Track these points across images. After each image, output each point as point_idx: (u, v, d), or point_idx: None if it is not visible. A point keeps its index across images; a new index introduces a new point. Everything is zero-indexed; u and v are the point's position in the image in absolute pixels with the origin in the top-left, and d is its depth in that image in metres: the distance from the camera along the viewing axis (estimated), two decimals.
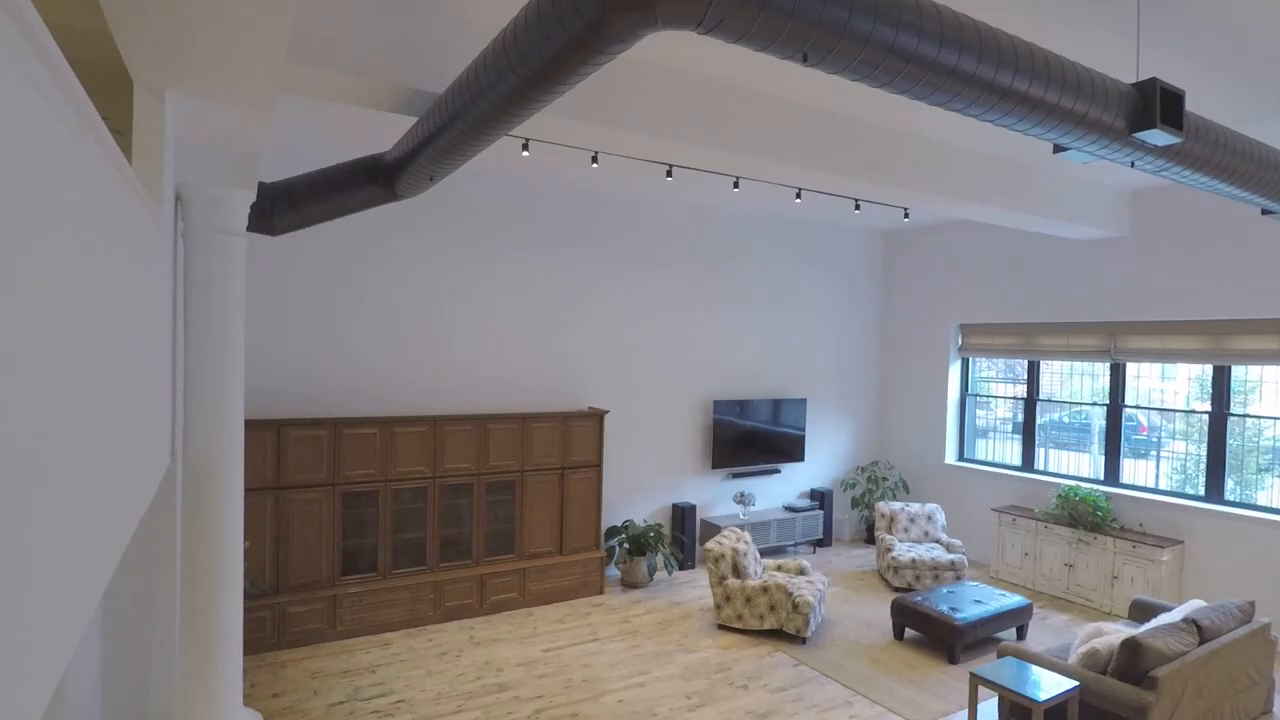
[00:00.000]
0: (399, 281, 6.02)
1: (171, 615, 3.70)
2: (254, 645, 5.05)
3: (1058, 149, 3.07)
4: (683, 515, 7.25)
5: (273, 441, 5.20)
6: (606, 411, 6.56)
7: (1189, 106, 4.46)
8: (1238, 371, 6.21)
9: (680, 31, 2.05)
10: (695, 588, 6.76)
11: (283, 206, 3.94)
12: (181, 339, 3.53)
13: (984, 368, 8.37)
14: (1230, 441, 6.20)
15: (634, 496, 7.20)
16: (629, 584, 6.74)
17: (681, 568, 7.23)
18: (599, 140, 4.18)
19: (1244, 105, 4.37)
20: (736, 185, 6.24)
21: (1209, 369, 6.34)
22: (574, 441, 6.43)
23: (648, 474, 7.29)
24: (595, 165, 5.63)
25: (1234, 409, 6.21)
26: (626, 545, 6.73)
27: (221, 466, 3.66)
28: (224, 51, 2.32)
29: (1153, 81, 2.81)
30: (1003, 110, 2.54)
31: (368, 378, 5.89)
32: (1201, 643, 4.28)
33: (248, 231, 3.75)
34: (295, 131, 5.17)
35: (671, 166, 5.20)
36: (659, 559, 6.81)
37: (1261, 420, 6.10)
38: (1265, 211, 4.16)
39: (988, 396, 8.30)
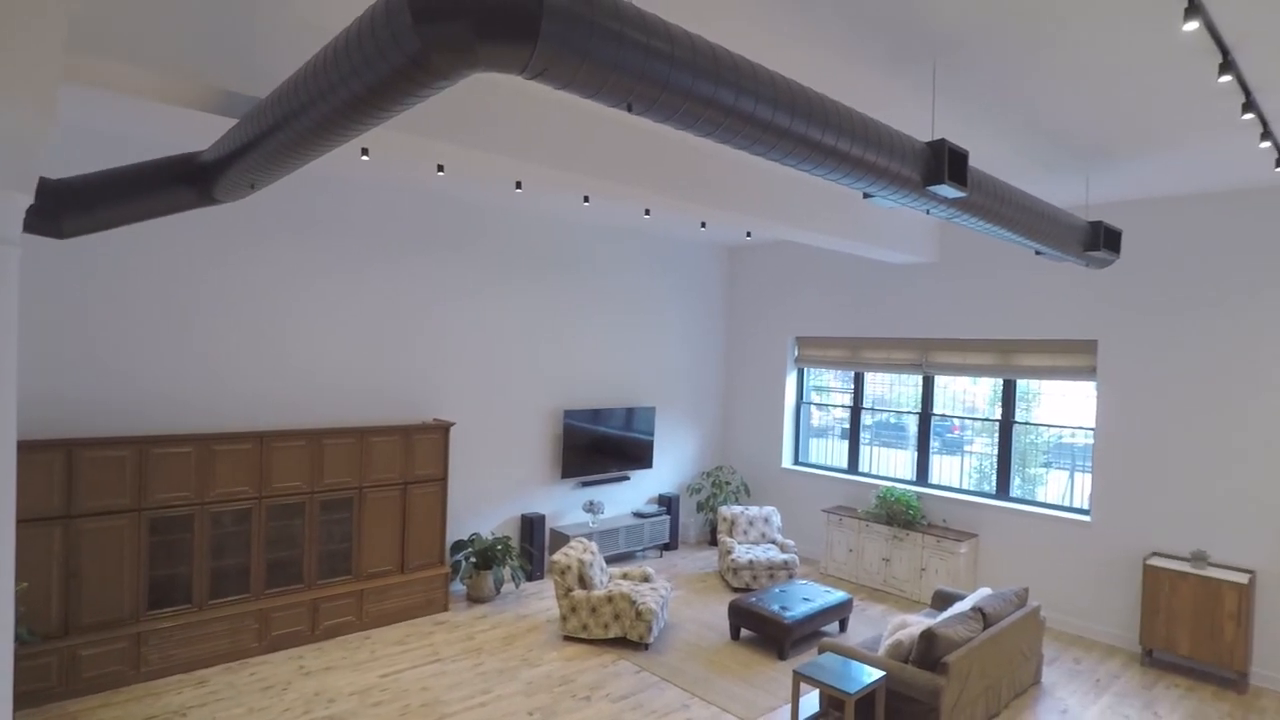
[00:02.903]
0: (224, 287, 5.54)
1: None
2: (34, 697, 4.47)
3: (867, 195, 3.37)
4: (532, 526, 7.23)
5: (61, 464, 4.62)
6: (452, 424, 6.40)
7: (975, 163, 5.06)
8: (1022, 384, 7.11)
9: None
10: (543, 599, 6.76)
11: (71, 208, 3.51)
12: None
13: (824, 374, 9.00)
14: (1017, 444, 7.09)
15: (482, 509, 7.08)
16: (475, 599, 6.62)
17: (530, 579, 7.20)
18: (441, 155, 4.07)
19: (1020, 161, 5.02)
20: (586, 200, 6.31)
21: (1001, 381, 7.21)
22: (418, 455, 6.22)
23: (496, 486, 7.19)
24: (441, 173, 5.50)
25: (1018, 417, 7.10)
26: (473, 559, 6.61)
27: None
28: None
29: (942, 142, 3.16)
30: (815, 162, 2.76)
31: (184, 391, 5.38)
32: (985, 628, 4.87)
33: (27, 234, 3.31)
34: (91, 118, 4.62)
35: (520, 180, 5.18)
36: (506, 572, 6.74)
37: (1040, 427, 7.02)
38: (1038, 251, 4.79)
39: (823, 405, 8.93)
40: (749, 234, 7.75)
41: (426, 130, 3.74)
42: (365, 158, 4.97)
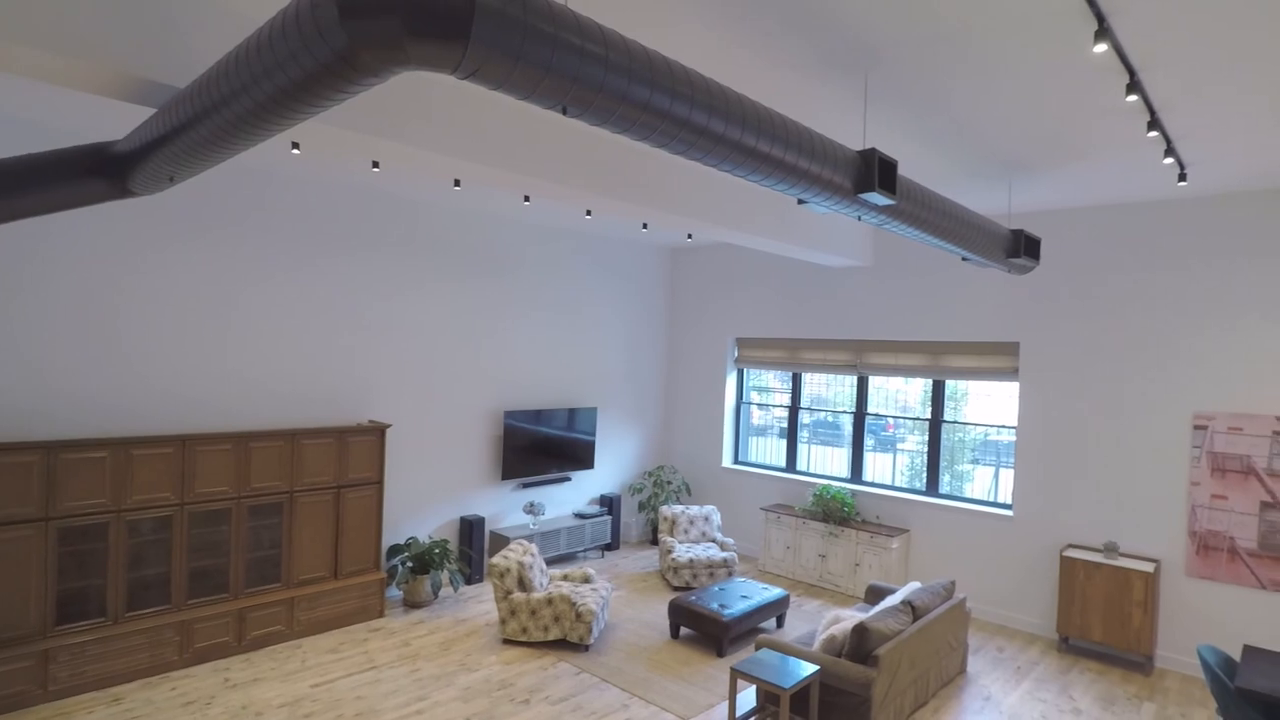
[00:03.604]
0: (145, 283, 5.28)
1: None
2: None
3: (801, 200, 3.45)
4: (471, 528, 7.13)
5: None
6: (389, 425, 6.26)
7: (904, 171, 5.23)
8: (950, 385, 7.39)
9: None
10: (483, 602, 6.68)
11: None
12: None
13: (763, 374, 9.14)
14: (946, 442, 7.36)
15: (419, 512, 6.95)
16: (412, 604, 6.49)
17: (469, 582, 7.10)
18: (376, 152, 3.98)
19: (947, 170, 5.21)
20: (527, 199, 6.26)
21: (931, 381, 7.47)
22: (352, 457, 6.06)
23: (435, 488, 7.06)
24: (377, 170, 5.37)
25: (947, 416, 7.37)
26: (410, 564, 6.47)
27: None
28: None
29: (873, 151, 3.26)
30: (750, 168, 2.81)
31: (100, 392, 5.10)
32: (915, 620, 5.05)
33: None
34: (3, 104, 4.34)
35: (459, 179, 5.10)
36: (444, 576, 6.63)
37: (967, 425, 7.31)
38: (964, 258, 4.99)
39: (763, 405, 9.08)
40: (690, 236, 7.82)
41: (360, 125, 3.65)
42: (296, 151, 4.81)
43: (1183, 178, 4.87)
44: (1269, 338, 5.44)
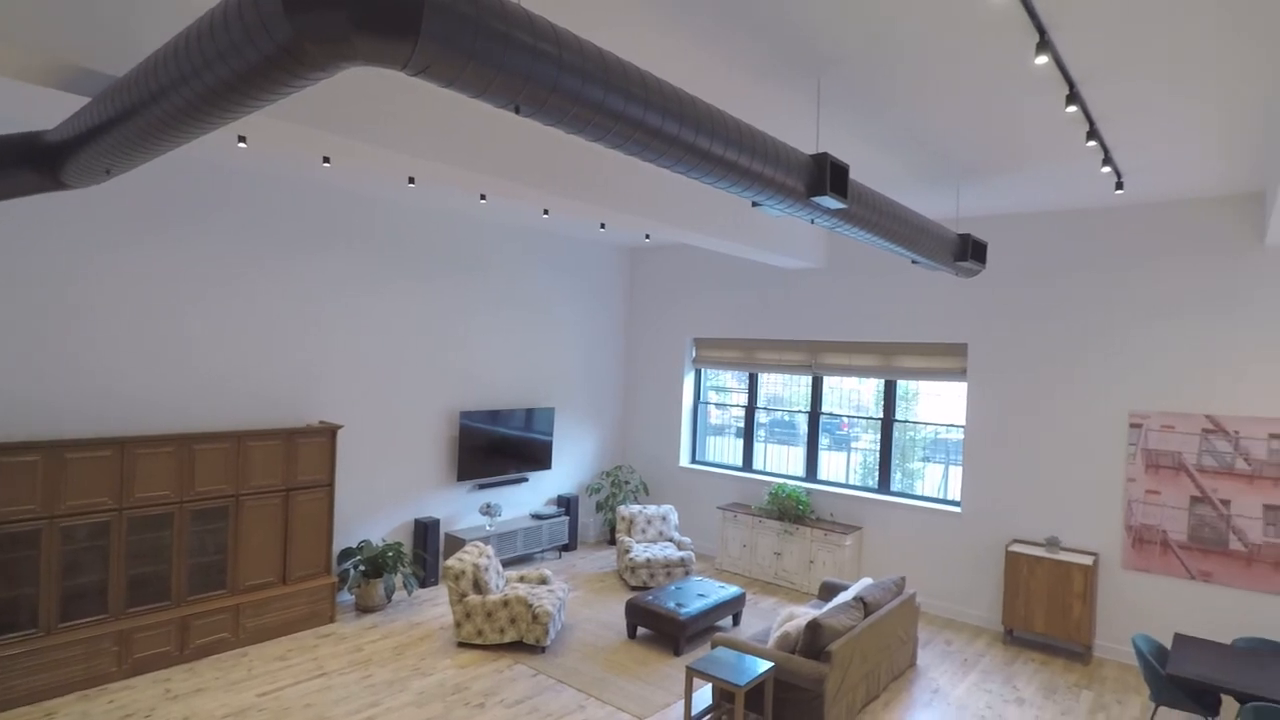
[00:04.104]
0: (83, 279, 5.06)
1: None
2: None
3: (755, 203, 3.48)
4: (426, 530, 7.02)
5: None
6: (340, 426, 6.12)
7: (856, 174, 5.33)
8: (902, 384, 7.56)
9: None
10: (437, 605, 6.58)
11: None
12: None
13: (721, 374, 9.21)
14: (898, 441, 7.52)
15: (372, 515, 6.81)
16: (365, 609, 6.36)
17: (423, 586, 7.00)
18: (327, 147, 3.89)
19: (898, 174, 5.33)
20: (484, 198, 6.20)
21: (883, 381, 7.62)
22: (301, 459, 5.91)
23: (388, 490, 6.94)
24: (328, 165, 5.26)
25: (899, 415, 7.54)
26: (362, 567, 6.35)
27: None
28: None
29: (825, 155, 3.32)
30: (704, 170, 2.83)
31: (32, 393, 4.88)
32: (866, 616, 5.15)
33: None
34: None
35: (413, 176, 5.01)
36: (398, 579, 6.52)
37: (918, 424, 7.48)
38: (915, 261, 5.10)
39: (721, 405, 9.15)
40: (648, 236, 7.84)
41: (309, 120, 3.57)
42: (243, 145, 4.67)
43: (1120, 186, 5.07)
44: (1198, 340, 5.70)
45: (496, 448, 7.76)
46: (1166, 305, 5.84)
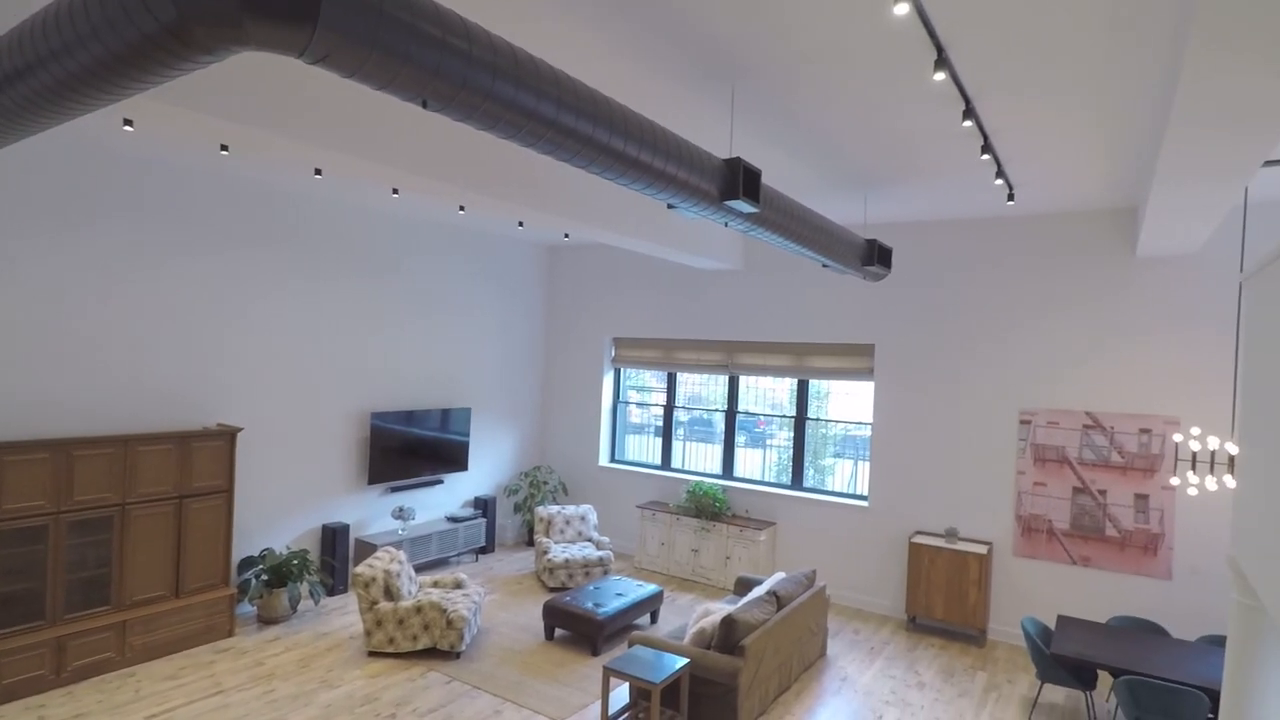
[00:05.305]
0: None
1: None
2: None
3: (670, 205, 3.52)
4: (334, 536, 6.75)
5: None
6: (240, 429, 5.81)
7: (769, 180, 5.46)
8: (815, 384, 7.80)
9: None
10: (346, 614, 6.34)
11: None
12: None
13: (641, 373, 9.25)
14: (810, 438, 7.76)
15: (276, 522, 6.49)
16: (267, 620, 6.06)
17: (331, 594, 6.72)
18: (224, 135, 3.67)
19: (809, 180, 5.50)
20: (396, 192, 6.01)
21: (796, 380, 7.85)
22: (196, 465, 5.57)
23: (294, 495, 6.63)
24: (226, 153, 4.97)
25: (811, 413, 7.78)
26: (264, 576, 6.04)
27: None
28: None
29: (737, 160, 3.38)
30: (618, 171, 2.84)
31: None
32: (779, 609, 5.29)
33: None
34: None
35: (320, 168, 4.80)
36: (304, 588, 6.24)
37: (829, 422, 7.75)
38: (825, 264, 5.27)
39: (641, 404, 9.20)
40: (567, 235, 7.80)
41: (200, 104, 3.36)
42: (129, 129, 4.35)
43: (1011, 198, 5.40)
44: (1079, 342, 6.14)
45: (410, 449, 7.54)
46: (1051, 310, 6.27)
